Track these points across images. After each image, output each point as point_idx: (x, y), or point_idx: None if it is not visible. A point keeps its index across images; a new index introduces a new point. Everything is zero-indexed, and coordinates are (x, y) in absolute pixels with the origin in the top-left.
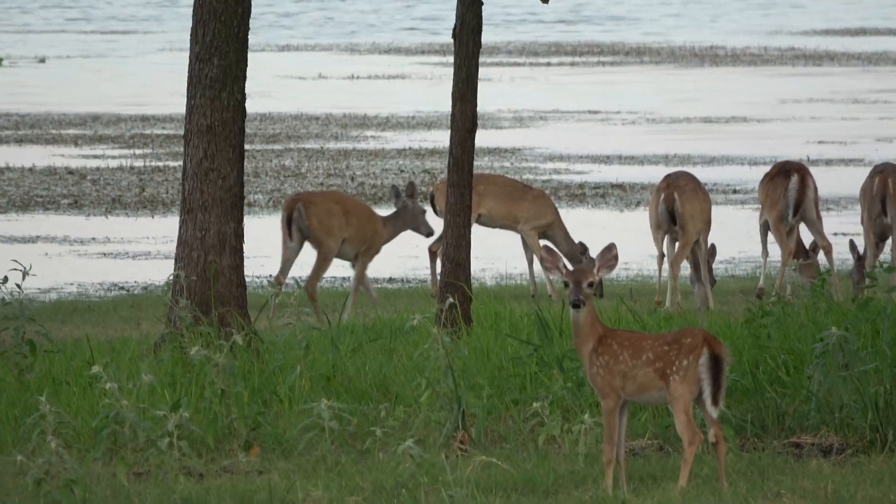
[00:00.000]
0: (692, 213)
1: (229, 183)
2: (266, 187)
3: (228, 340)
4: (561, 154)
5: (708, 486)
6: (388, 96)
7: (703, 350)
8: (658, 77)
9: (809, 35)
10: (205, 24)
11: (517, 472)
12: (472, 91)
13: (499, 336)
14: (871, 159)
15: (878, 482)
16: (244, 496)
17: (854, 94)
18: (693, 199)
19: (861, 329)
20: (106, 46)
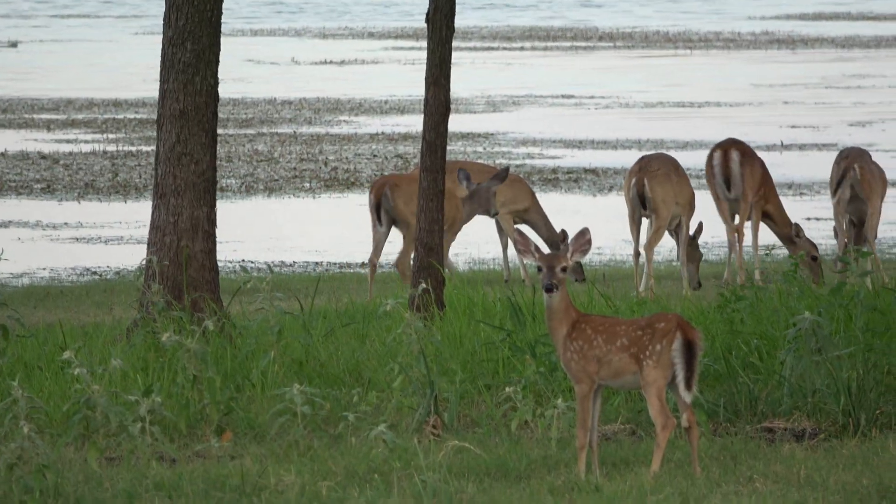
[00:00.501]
0: (663, 197)
1: (202, 167)
2: (239, 172)
3: (201, 326)
4: (534, 139)
5: (681, 470)
6: (361, 81)
7: (677, 335)
8: (631, 62)
9: (783, 19)
10: (178, 9)
11: (490, 456)
12: (446, 75)
13: (472, 321)
14: (845, 143)
15: (850, 467)
16: (216, 481)
17: (827, 78)
18: (665, 183)
19: (834, 314)
20: (79, 31)
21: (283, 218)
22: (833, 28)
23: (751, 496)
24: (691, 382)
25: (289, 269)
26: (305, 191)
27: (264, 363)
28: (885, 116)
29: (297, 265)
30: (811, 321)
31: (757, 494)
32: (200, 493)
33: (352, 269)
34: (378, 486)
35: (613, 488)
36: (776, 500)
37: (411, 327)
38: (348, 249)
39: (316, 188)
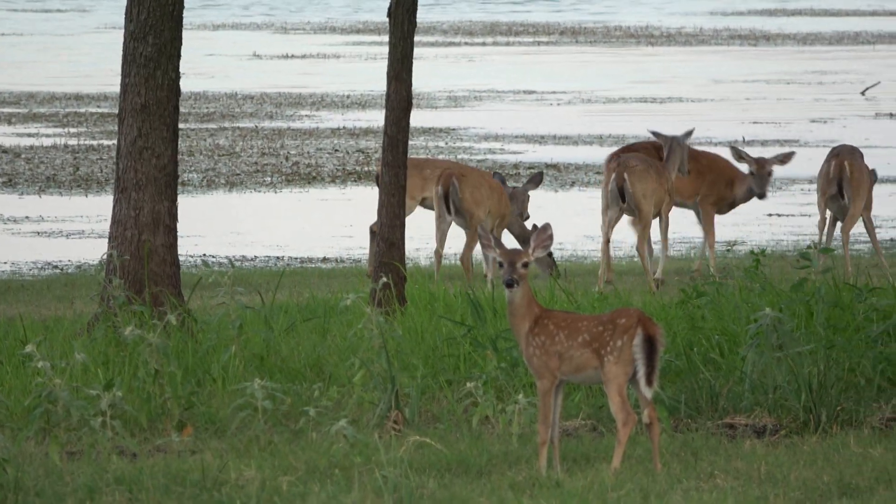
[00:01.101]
0: (644, 192)
1: (163, 162)
2: (200, 166)
3: (162, 320)
4: (496, 134)
5: (641, 466)
6: (323, 75)
7: (638, 330)
8: (593, 57)
9: (744, 15)
10: (140, 3)
11: (451, 452)
12: (408, 70)
13: (433, 316)
14: (806, 140)
15: (811, 463)
16: (177, 475)
17: (788, 74)
18: (644, 178)
19: (795, 310)
20: (41, 25)
21: (244, 212)
22: (795, 24)
23: (712, 492)
24: (652, 378)
25: (250, 263)
26: (267, 185)
27: (225, 358)
28: (846, 113)
29: (259, 260)
30: (772, 317)
31: (718, 490)
32: (161, 487)
33: (313, 264)
34: (339, 481)
35: (574, 484)
36: (737, 496)
37: (372, 322)
38: (309, 244)
39: (277, 183)
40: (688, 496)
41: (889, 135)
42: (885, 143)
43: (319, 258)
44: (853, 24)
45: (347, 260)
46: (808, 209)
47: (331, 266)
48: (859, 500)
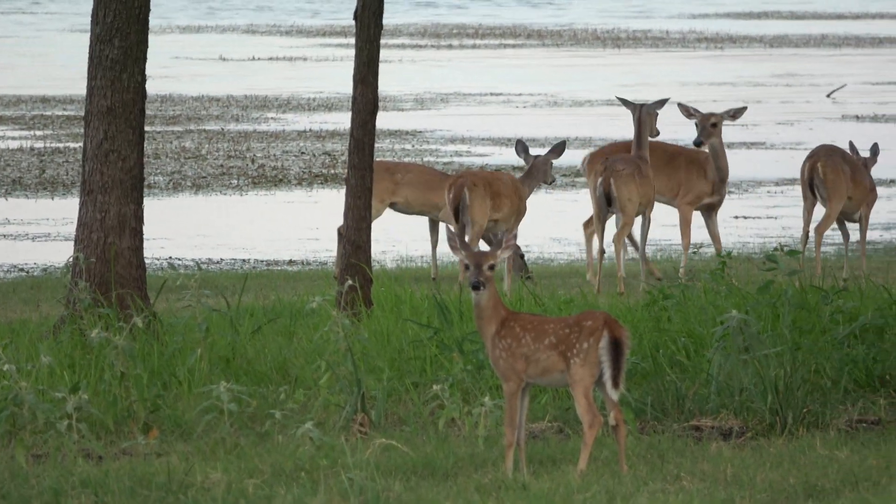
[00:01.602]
0: (629, 196)
1: (129, 164)
2: (166, 169)
3: (128, 322)
4: (462, 136)
5: (607, 468)
6: (289, 78)
7: (604, 333)
8: (560, 60)
9: (711, 18)
10: (105, 6)
11: (417, 454)
12: (374, 73)
13: (399, 319)
14: (773, 142)
15: (777, 465)
16: (143, 478)
17: (755, 77)
18: (630, 182)
19: (761, 312)
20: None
21: (210, 215)
22: (761, 27)
23: (678, 494)
24: (618, 380)
25: (216, 266)
26: (233, 188)
27: (191, 361)
28: (813, 115)
29: (225, 262)
30: (739, 319)
31: (684, 493)
32: (127, 490)
33: (279, 267)
34: (305, 483)
35: (540, 486)
36: (703, 498)
37: (338, 325)
38: (276, 247)
39: (243, 185)
40: (654, 498)
41: (855, 137)
42: None
43: (285, 261)
44: (819, 27)
45: (313, 262)
46: (774, 211)
47: (297, 269)
48: (825, 503)
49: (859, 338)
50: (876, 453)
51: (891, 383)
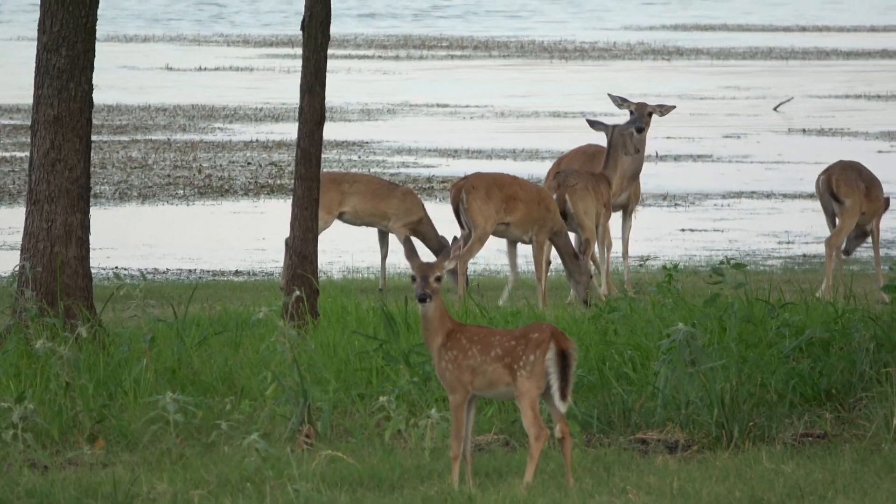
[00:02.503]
0: (586, 210)
1: (76, 174)
2: (113, 178)
3: (74, 332)
4: (409, 147)
5: (554, 481)
6: (236, 88)
7: (550, 345)
8: (507, 71)
9: (658, 30)
10: (52, 15)
11: (363, 466)
12: (321, 83)
13: (345, 330)
14: (719, 155)
15: (723, 479)
16: (88, 489)
17: (702, 89)
18: (585, 197)
19: (708, 325)
20: None
21: (156, 225)
22: (708, 39)
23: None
24: (566, 392)
25: (162, 276)
26: (179, 198)
27: (137, 371)
28: (759, 128)
29: (171, 272)
30: (685, 332)
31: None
32: (72, 500)
33: (225, 277)
34: (250, 494)
35: (486, 499)
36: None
37: (285, 336)
38: (222, 257)
39: (190, 195)
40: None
41: (801, 150)
42: (797, 158)
43: (232, 271)
44: (766, 40)
45: (260, 273)
46: (720, 224)
47: (243, 279)
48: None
49: (805, 351)
50: (822, 467)
51: (836, 397)
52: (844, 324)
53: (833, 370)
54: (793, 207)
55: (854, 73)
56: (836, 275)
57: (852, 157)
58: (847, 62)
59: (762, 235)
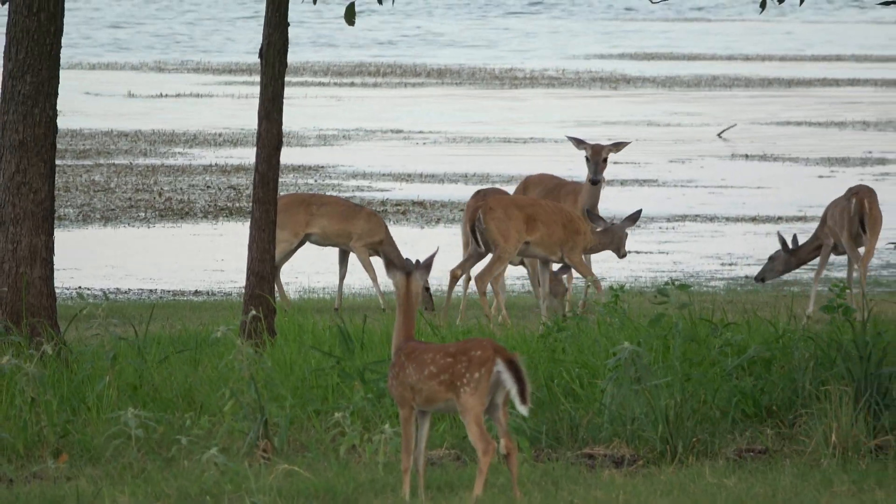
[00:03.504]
0: (499, 230)
1: (41, 197)
2: (76, 201)
3: (39, 350)
4: (364, 171)
5: (503, 495)
6: (196, 114)
7: (496, 361)
8: (458, 98)
9: (606, 59)
10: (18, 43)
11: (319, 480)
12: (278, 110)
13: (302, 348)
14: (664, 180)
15: (667, 493)
16: (53, 501)
17: (648, 116)
18: (501, 217)
19: (653, 344)
20: None
21: (118, 247)
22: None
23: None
24: (525, 395)
25: (124, 296)
26: (140, 220)
27: (100, 387)
28: (703, 153)
29: (132, 292)
30: (631, 351)
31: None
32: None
33: (185, 297)
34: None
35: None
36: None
37: (242, 354)
38: (182, 277)
39: (151, 218)
40: None
41: (744, 175)
42: (739, 183)
43: (191, 291)
44: (710, 69)
45: (218, 293)
46: (665, 247)
47: (202, 299)
48: None
49: (747, 370)
50: (763, 481)
51: (777, 414)
52: (785, 343)
53: (774, 388)
54: (735, 230)
55: (795, 100)
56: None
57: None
58: (788, 90)
59: (705, 257)
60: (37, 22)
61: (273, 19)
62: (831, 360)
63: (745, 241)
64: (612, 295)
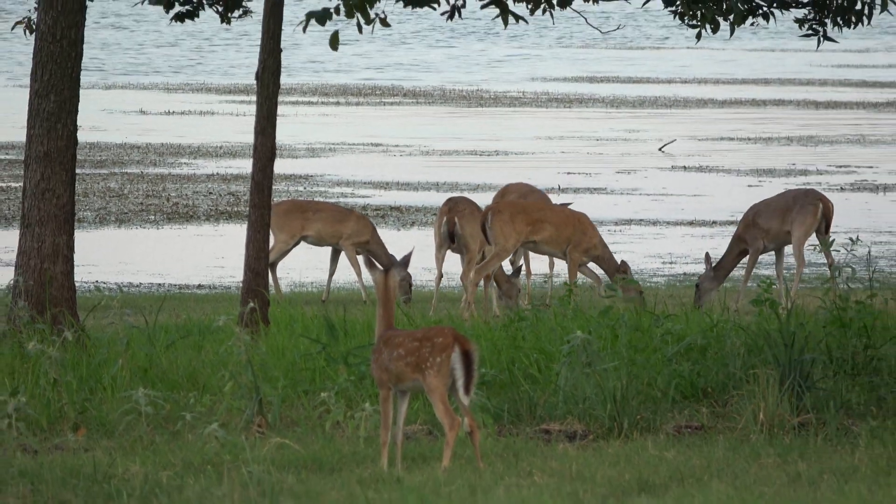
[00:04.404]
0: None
1: (62, 201)
2: (94, 206)
3: (60, 337)
4: (347, 180)
5: (470, 465)
6: (200, 129)
7: (455, 347)
8: (431, 116)
9: (561, 81)
10: (43, 66)
11: (307, 451)
12: (272, 125)
13: (293, 336)
14: (613, 188)
15: (615, 464)
16: (72, 470)
17: (598, 132)
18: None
19: (602, 333)
20: None
21: (131, 245)
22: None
23: (530, 488)
24: (469, 387)
25: (136, 289)
26: (150, 222)
27: (114, 370)
28: (647, 166)
29: (143, 286)
30: (582, 339)
31: (535, 486)
32: (58, 480)
33: (190, 290)
34: (211, 475)
35: (412, 480)
36: (551, 491)
37: (240, 340)
38: (187, 273)
39: (159, 220)
40: (509, 491)
41: (683, 184)
42: (678, 191)
43: (195, 285)
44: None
45: (219, 287)
46: (613, 247)
47: (205, 292)
48: (656, 496)
49: (685, 356)
50: (699, 454)
51: (712, 395)
52: (719, 332)
53: (709, 371)
54: (675, 233)
55: (728, 119)
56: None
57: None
58: (721, 110)
59: (648, 257)
60: (60, 47)
61: (268, 46)
62: (759, 347)
63: (683, 243)
64: (567, 290)
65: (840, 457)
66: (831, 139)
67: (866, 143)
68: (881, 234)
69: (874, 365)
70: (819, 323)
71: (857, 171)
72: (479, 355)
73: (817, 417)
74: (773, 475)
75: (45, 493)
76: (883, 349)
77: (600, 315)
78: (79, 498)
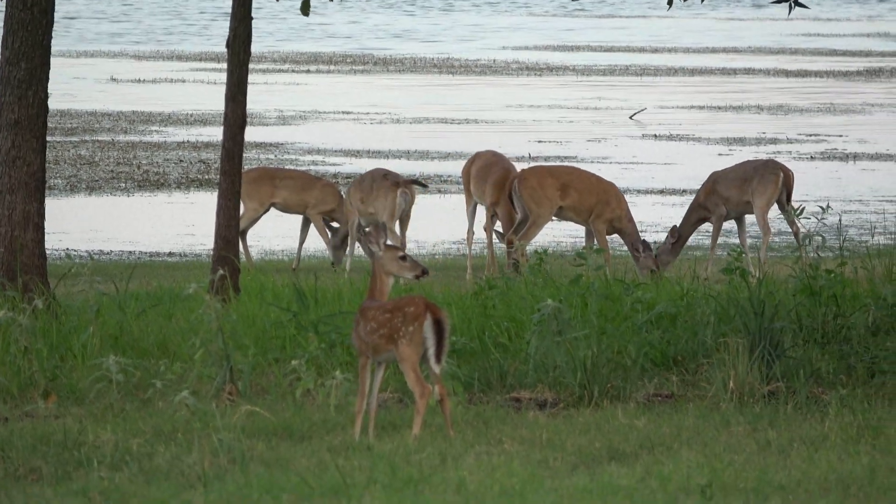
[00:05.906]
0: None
1: (33, 169)
2: (64, 173)
3: (31, 304)
4: (318, 148)
5: (440, 433)
6: (171, 97)
7: (427, 316)
8: (402, 84)
9: (531, 50)
10: (13, 33)
11: (277, 419)
12: (243, 93)
13: (263, 304)
14: (583, 157)
15: (585, 432)
16: (43, 437)
17: (569, 100)
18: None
19: (573, 301)
20: None
21: (101, 213)
22: (574, 58)
23: (500, 455)
24: (441, 356)
25: (107, 257)
26: (121, 190)
27: (84, 337)
28: (617, 134)
29: (114, 254)
30: (553, 307)
31: (505, 454)
32: (29, 447)
33: (160, 258)
34: (181, 443)
35: (383, 447)
36: (522, 459)
37: (211, 308)
38: (157, 241)
39: (130, 188)
40: (480, 459)
41: (652, 153)
42: (649, 160)
43: (166, 252)
44: (623, 59)
45: (189, 254)
46: None
47: (176, 260)
48: (626, 464)
49: (655, 324)
50: (669, 422)
51: (682, 363)
52: (689, 300)
53: (679, 340)
54: (646, 201)
55: (698, 87)
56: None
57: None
58: (692, 78)
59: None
60: (31, 15)
61: (238, 13)
62: (730, 316)
63: (653, 211)
64: (537, 258)
65: (810, 425)
66: (801, 108)
67: (836, 112)
68: (851, 202)
69: (844, 333)
70: (789, 292)
71: (827, 140)
72: (451, 324)
73: (787, 386)
74: (743, 443)
75: (15, 460)
76: (853, 318)
77: (571, 284)
78: (49, 465)
